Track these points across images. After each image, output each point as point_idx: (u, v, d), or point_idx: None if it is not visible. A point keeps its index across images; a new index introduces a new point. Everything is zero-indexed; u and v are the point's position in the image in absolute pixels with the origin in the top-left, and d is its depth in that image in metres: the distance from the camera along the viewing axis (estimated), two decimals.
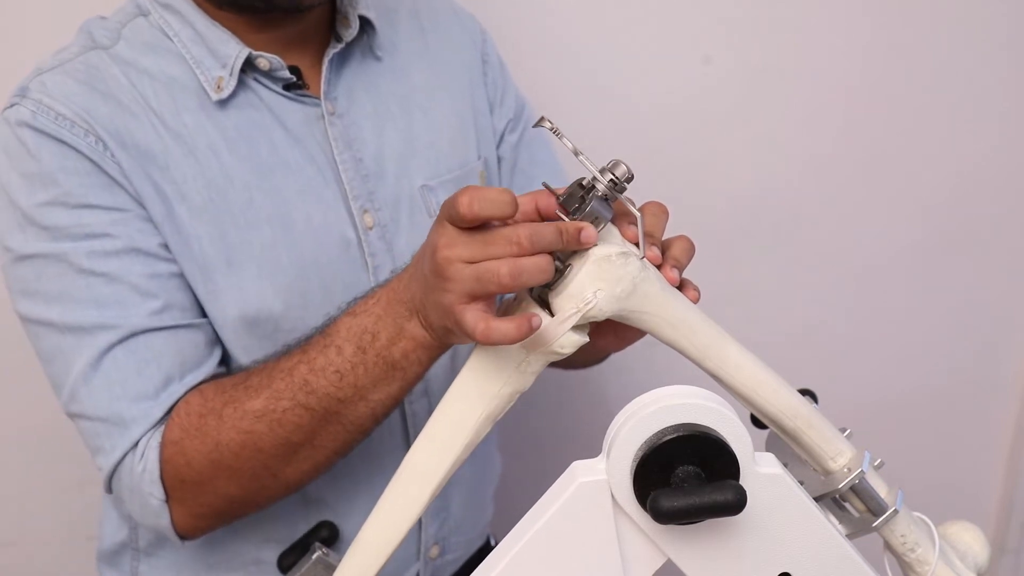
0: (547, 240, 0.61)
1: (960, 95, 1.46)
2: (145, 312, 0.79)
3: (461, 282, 0.62)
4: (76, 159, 0.79)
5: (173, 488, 0.79)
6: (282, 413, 0.76)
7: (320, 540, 0.88)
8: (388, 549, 0.65)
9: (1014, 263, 1.55)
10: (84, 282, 0.78)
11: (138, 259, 0.80)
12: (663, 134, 1.38)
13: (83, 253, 0.78)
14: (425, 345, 0.71)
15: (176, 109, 0.84)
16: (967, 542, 0.69)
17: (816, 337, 1.52)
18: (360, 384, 0.74)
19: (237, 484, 0.79)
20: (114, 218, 0.79)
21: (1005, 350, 1.60)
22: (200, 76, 0.84)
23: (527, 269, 0.61)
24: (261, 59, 0.85)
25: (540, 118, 0.63)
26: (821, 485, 0.67)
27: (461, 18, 1.04)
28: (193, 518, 0.81)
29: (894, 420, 1.57)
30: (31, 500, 1.36)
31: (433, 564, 0.98)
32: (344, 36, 0.90)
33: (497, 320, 0.61)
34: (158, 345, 0.80)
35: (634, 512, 0.56)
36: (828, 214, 1.47)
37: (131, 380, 0.79)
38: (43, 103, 0.79)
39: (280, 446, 0.77)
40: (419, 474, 0.64)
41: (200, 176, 0.83)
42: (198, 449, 0.78)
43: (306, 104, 0.88)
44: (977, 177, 1.50)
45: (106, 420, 0.79)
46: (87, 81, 0.82)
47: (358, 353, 0.73)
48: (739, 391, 0.65)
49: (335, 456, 0.79)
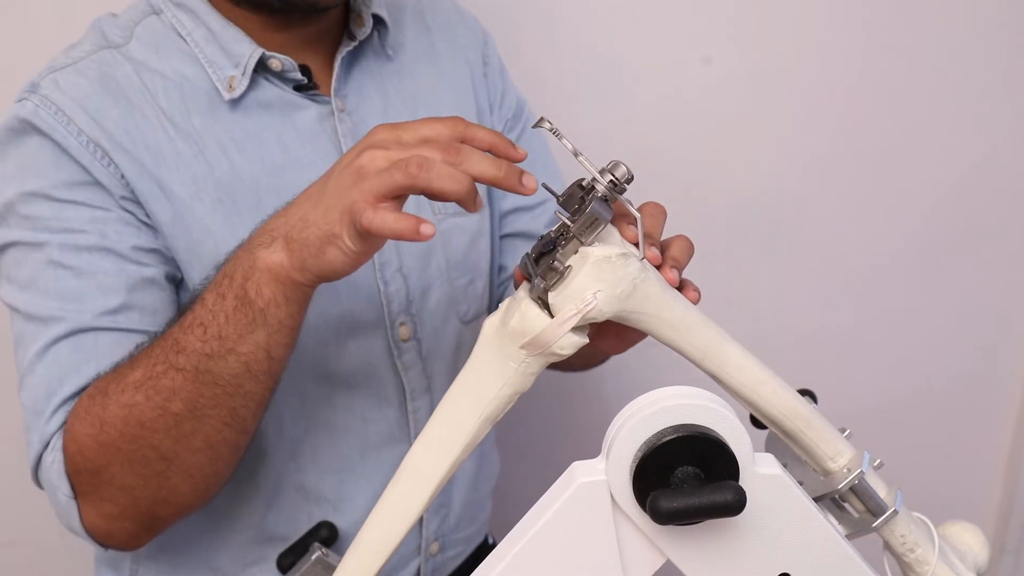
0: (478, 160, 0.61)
1: (960, 95, 1.46)
2: (99, 310, 0.78)
3: (373, 173, 0.62)
4: (67, 159, 0.80)
5: (76, 480, 0.76)
6: (157, 379, 0.72)
7: (320, 540, 0.88)
8: (388, 549, 0.65)
9: (1014, 263, 1.55)
10: (53, 273, 0.78)
11: (108, 258, 0.79)
12: (663, 135, 1.38)
13: (56, 245, 0.78)
14: (279, 277, 0.68)
15: (186, 109, 0.84)
16: (967, 542, 0.69)
17: (816, 337, 1.52)
18: (224, 335, 0.70)
19: (131, 470, 0.74)
20: (95, 216, 0.80)
21: (1005, 350, 1.60)
22: (212, 75, 0.85)
23: (441, 172, 0.60)
24: (274, 60, 0.85)
25: (540, 119, 0.63)
26: (821, 485, 0.67)
27: (464, 19, 1.04)
28: (102, 518, 0.77)
29: (894, 420, 1.57)
30: (31, 500, 1.35)
31: (433, 560, 0.98)
32: (358, 35, 0.90)
33: (387, 211, 0.61)
34: (105, 345, 0.78)
35: (633, 513, 0.56)
36: (828, 214, 1.47)
37: (68, 375, 0.77)
38: (49, 99, 0.80)
39: (160, 417, 0.72)
40: (419, 474, 0.64)
41: (210, 176, 0.83)
42: (86, 432, 0.74)
43: (316, 102, 0.89)
44: (977, 178, 1.50)
45: (36, 412, 0.78)
46: (100, 80, 0.83)
47: (217, 300, 0.70)
48: (739, 392, 0.65)
49: (227, 430, 0.74)
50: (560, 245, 0.62)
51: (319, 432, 0.90)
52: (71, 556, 1.38)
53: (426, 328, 0.94)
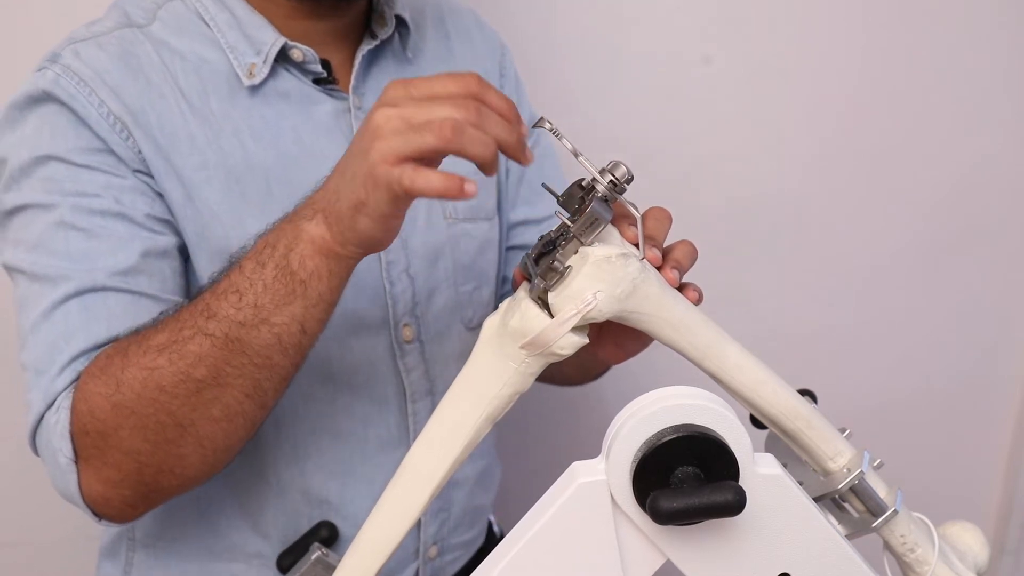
0: (495, 123, 0.60)
1: (960, 95, 1.46)
2: (110, 270, 0.77)
3: (391, 133, 0.61)
4: (85, 128, 0.80)
5: (80, 443, 0.74)
6: (184, 343, 0.70)
7: (320, 540, 0.88)
8: (388, 550, 0.65)
9: (1014, 264, 1.55)
10: (63, 235, 0.78)
11: (121, 222, 0.79)
12: (663, 134, 1.38)
13: (68, 207, 0.78)
14: (323, 250, 0.67)
15: (205, 93, 0.85)
16: (967, 542, 0.69)
17: (816, 337, 1.52)
18: (260, 303, 0.69)
19: (142, 436, 0.72)
20: (110, 182, 0.80)
21: (1005, 350, 1.60)
22: (233, 61, 0.85)
23: (473, 137, 0.59)
24: (295, 50, 0.86)
25: (539, 118, 0.63)
26: (820, 485, 0.67)
27: (483, 29, 1.06)
28: (102, 484, 0.75)
29: (894, 420, 1.57)
30: (31, 500, 1.36)
31: (432, 564, 0.98)
32: (379, 34, 0.91)
33: (424, 169, 0.59)
34: (115, 305, 0.77)
35: (633, 513, 0.56)
36: (828, 214, 1.47)
37: (76, 334, 0.76)
38: (71, 68, 0.80)
39: (182, 382, 0.70)
40: (419, 474, 0.64)
41: (222, 163, 0.84)
42: (100, 392, 0.72)
43: (334, 98, 0.90)
44: (977, 178, 1.50)
45: (40, 371, 0.76)
46: (120, 56, 0.83)
47: (257, 268, 0.69)
48: (739, 392, 0.65)
49: (247, 402, 0.73)
50: (560, 245, 0.62)
51: (322, 435, 0.90)
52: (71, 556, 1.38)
53: (430, 331, 0.94)
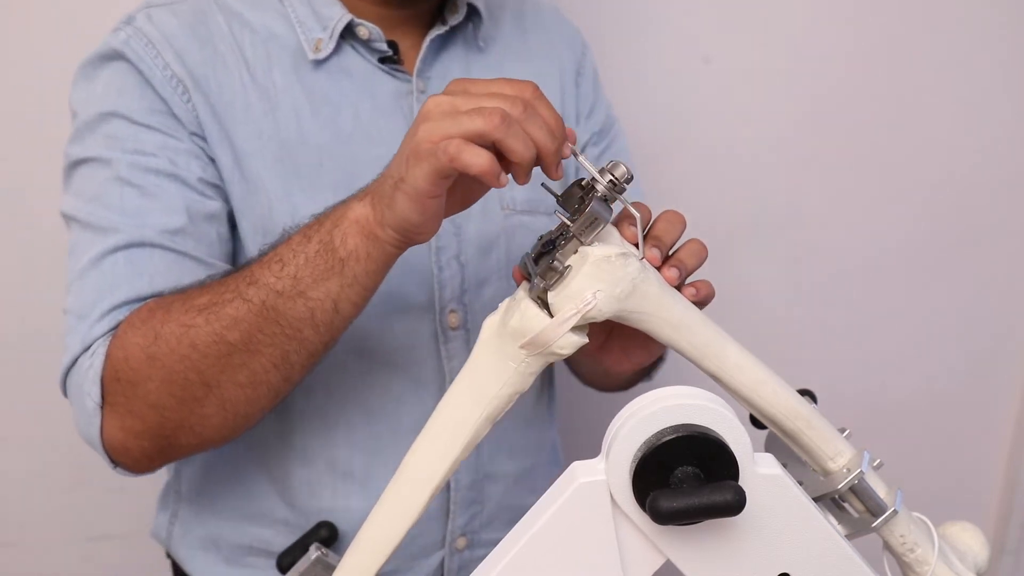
0: (539, 127, 0.62)
1: (960, 95, 1.46)
2: (160, 228, 0.81)
3: (440, 116, 0.62)
4: (150, 89, 0.83)
5: (110, 389, 0.77)
6: (222, 306, 0.73)
7: (320, 540, 0.88)
8: (388, 549, 0.65)
9: (1014, 264, 1.55)
10: (119, 190, 0.81)
11: (173, 183, 0.82)
12: (663, 134, 1.38)
13: (126, 164, 0.81)
14: (364, 230, 0.69)
15: (269, 65, 0.87)
16: (967, 542, 0.69)
17: (816, 337, 1.52)
18: (299, 276, 0.71)
19: (169, 390, 0.75)
20: (167, 143, 0.83)
21: (1005, 350, 1.60)
22: (301, 36, 0.88)
23: (517, 132, 0.60)
24: (361, 27, 0.88)
25: None
26: (820, 485, 0.67)
27: (564, 28, 1.07)
28: (123, 432, 0.77)
29: (894, 420, 1.57)
30: (31, 500, 1.36)
31: (460, 556, 0.97)
32: (450, 20, 0.92)
33: (472, 144, 0.60)
34: (159, 262, 0.80)
35: (633, 513, 0.56)
36: (828, 214, 1.47)
37: (119, 285, 0.79)
38: (142, 31, 0.84)
39: (214, 343, 0.73)
40: (418, 474, 0.64)
41: (275, 136, 0.85)
42: (137, 342, 0.75)
43: (398, 79, 0.91)
44: (977, 178, 1.50)
45: (81, 316, 0.79)
46: (191, 24, 0.86)
47: (302, 241, 0.72)
48: (738, 391, 0.65)
49: (274, 372, 0.75)
50: (560, 245, 0.62)
51: (352, 410, 0.90)
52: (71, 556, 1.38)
53: (476, 320, 0.93)
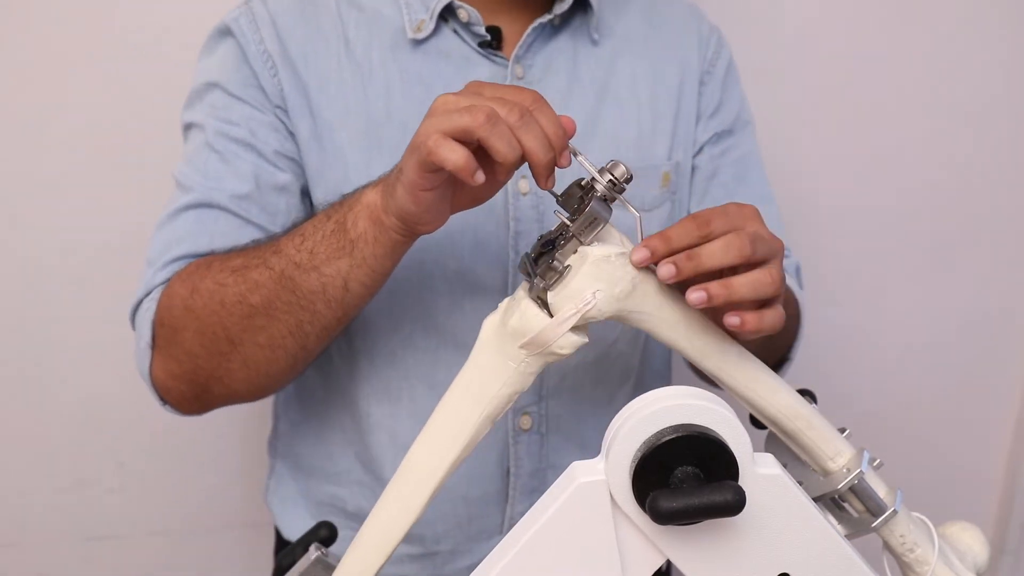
0: (534, 135, 0.63)
1: (960, 95, 1.46)
2: (229, 193, 0.87)
3: (439, 113, 0.64)
4: (245, 64, 0.89)
5: (158, 332, 0.84)
6: (250, 270, 0.79)
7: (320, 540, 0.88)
8: (388, 548, 0.65)
9: (1014, 264, 1.55)
10: (206, 155, 0.88)
11: (250, 153, 0.88)
12: None
13: (213, 130, 0.88)
14: (372, 215, 0.72)
15: (369, 44, 0.90)
16: (966, 542, 0.69)
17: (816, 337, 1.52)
18: (315, 251, 0.76)
19: (199, 341, 0.81)
20: (252, 115, 0.89)
21: (1005, 351, 1.60)
22: (406, 17, 0.90)
23: (502, 132, 0.62)
24: (462, 10, 0.90)
25: None
26: (820, 485, 0.67)
27: (699, 24, 1.04)
28: (165, 373, 0.85)
29: (894, 420, 1.57)
30: (31, 500, 1.36)
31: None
32: (555, 9, 0.93)
33: (451, 141, 0.62)
34: (223, 224, 0.86)
35: (633, 513, 0.56)
36: (829, 214, 1.47)
37: (183, 240, 0.86)
38: (252, 10, 0.91)
39: (238, 303, 0.79)
40: (419, 474, 0.65)
41: (363, 110, 0.89)
42: (179, 294, 0.82)
43: (495, 63, 0.91)
44: (977, 178, 1.50)
45: (150, 263, 0.87)
46: (300, 4, 0.91)
47: (323, 219, 0.76)
48: (739, 391, 0.65)
49: (290, 338, 0.80)
50: (559, 245, 0.62)
51: (416, 383, 0.92)
52: (71, 556, 1.38)
53: None
